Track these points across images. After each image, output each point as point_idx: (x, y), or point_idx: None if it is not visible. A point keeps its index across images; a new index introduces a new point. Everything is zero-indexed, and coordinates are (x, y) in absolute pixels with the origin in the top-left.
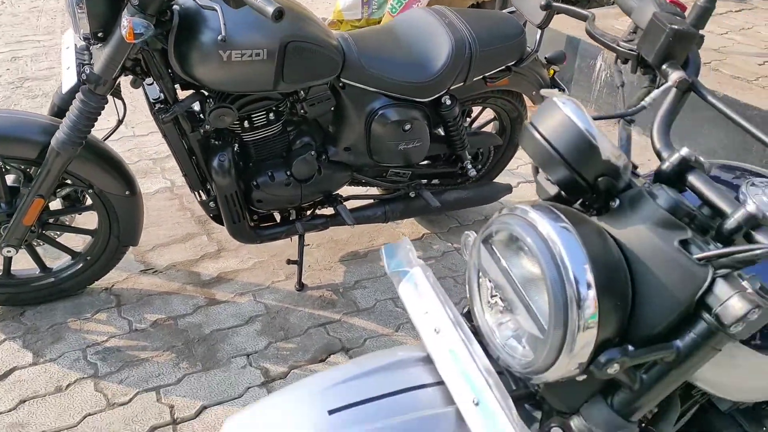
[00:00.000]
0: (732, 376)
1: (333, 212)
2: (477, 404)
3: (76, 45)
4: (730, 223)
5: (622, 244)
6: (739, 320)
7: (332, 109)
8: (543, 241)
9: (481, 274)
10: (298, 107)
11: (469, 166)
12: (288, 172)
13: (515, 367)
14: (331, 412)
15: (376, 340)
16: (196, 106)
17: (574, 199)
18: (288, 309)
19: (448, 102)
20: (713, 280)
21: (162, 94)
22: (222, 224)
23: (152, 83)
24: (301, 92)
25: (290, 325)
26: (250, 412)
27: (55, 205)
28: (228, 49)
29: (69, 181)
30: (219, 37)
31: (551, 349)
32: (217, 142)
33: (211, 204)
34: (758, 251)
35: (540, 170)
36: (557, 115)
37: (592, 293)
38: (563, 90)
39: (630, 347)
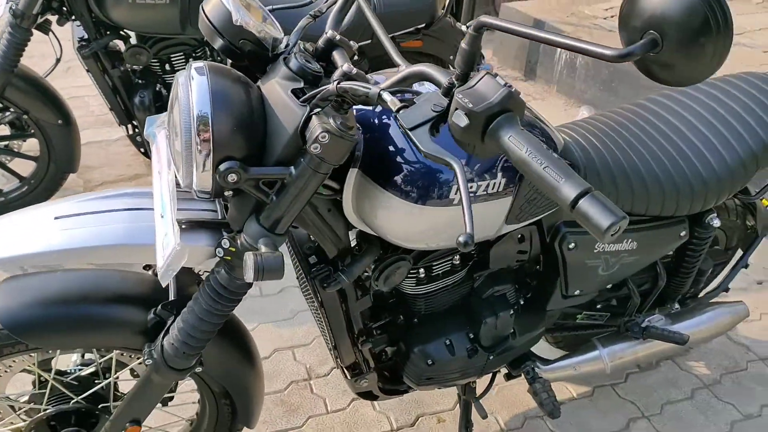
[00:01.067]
0: (393, 223)
1: None
2: (162, 217)
3: None
4: (334, 77)
5: (263, 95)
6: (315, 141)
7: None
8: (186, 85)
9: (170, 121)
10: (215, 54)
11: None
12: None
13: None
14: (56, 218)
15: None
16: (119, 48)
17: (242, 65)
18: None
19: (356, 57)
20: (309, 117)
21: (86, 34)
22: (150, 158)
23: (79, 25)
24: None
25: None
26: (2, 217)
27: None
28: None
29: (11, 109)
30: None
31: (187, 163)
32: (139, 81)
33: (138, 138)
34: (322, 92)
35: None
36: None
37: (208, 123)
38: (483, 57)
39: (253, 168)
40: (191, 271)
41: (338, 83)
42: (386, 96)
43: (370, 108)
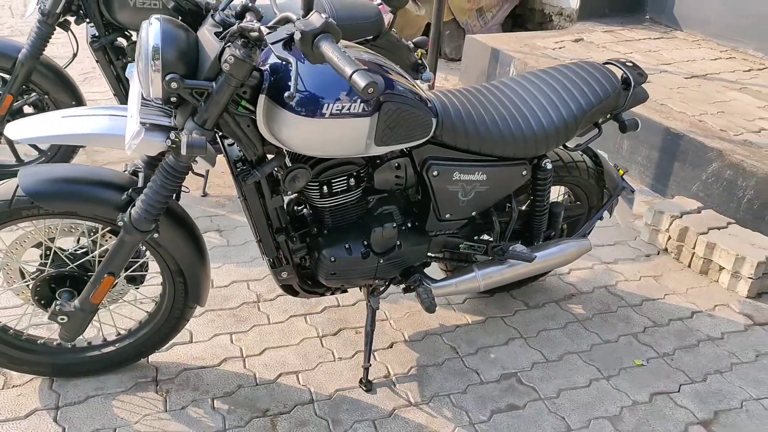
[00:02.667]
0: (294, 136)
1: None
2: (131, 117)
3: None
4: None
5: (198, 36)
6: (225, 62)
7: None
8: (146, 29)
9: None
10: None
11: None
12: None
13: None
14: (63, 117)
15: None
16: (123, 45)
17: (188, 21)
18: (190, 207)
19: None
20: (224, 49)
21: (97, 32)
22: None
23: (92, 25)
24: None
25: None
26: (26, 119)
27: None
28: None
29: (35, 91)
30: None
31: (145, 78)
32: None
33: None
34: (231, 30)
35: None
36: None
37: (159, 51)
38: (425, 67)
39: (187, 80)
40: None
41: (239, 24)
42: (263, 28)
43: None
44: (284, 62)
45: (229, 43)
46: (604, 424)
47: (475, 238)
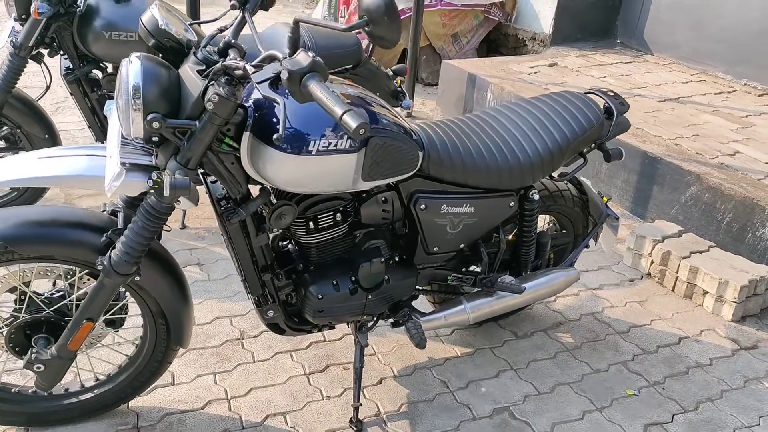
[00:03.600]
0: (281, 173)
1: None
2: (111, 157)
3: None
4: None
5: (180, 74)
6: (209, 101)
7: None
8: (126, 67)
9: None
10: None
11: None
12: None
13: (128, 135)
14: (39, 158)
15: None
16: (100, 76)
17: (169, 59)
18: (169, 241)
19: None
20: (207, 87)
21: (71, 64)
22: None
23: (66, 57)
24: None
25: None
26: (2, 161)
27: None
28: (110, 30)
29: (6, 125)
30: (78, 11)
31: (125, 117)
32: None
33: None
34: (215, 68)
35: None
36: (148, 12)
37: (139, 90)
38: (404, 95)
39: (170, 119)
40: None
41: (223, 62)
42: (248, 66)
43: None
44: (270, 102)
45: (213, 82)
46: None
47: (463, 269)
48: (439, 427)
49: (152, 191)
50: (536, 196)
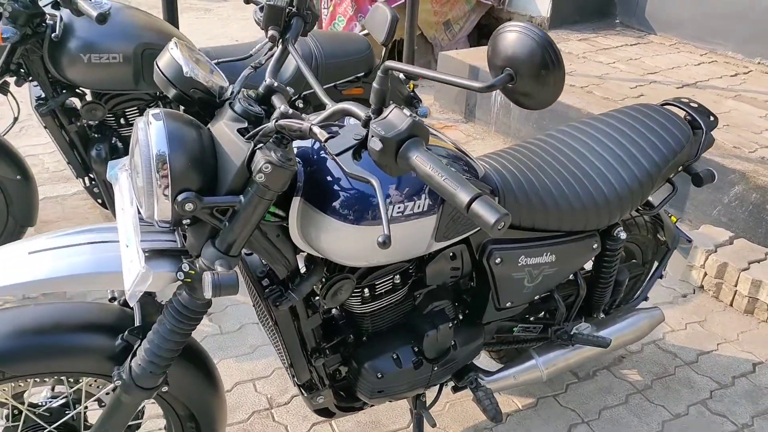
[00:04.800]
0: (335, 243)
1: None
2: (127, 246)
3: None
4: (273, 116)
5: (213, 134)
6: (259, 171)
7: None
8: (145, 129)
9: (132, 162)
10: (168, 107)
11: None
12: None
13: (145, 217)
14: (30, 253)
15: None
16: (75, 105)
17: (193, 111)
18: None
19: (301, 105)
20: (254, 151)
21: (42, 93)
22: (107, 208)
23: (36, 85)
24: None
25: None
26: None
27: None
28: (89, 52)
29: None
30: (53, 35)
31: (148, 197)
32: (96, 135)
33: (95, 189)
34: (263, 129)
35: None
36: (166, 55)
37: (165, 161)
38: (419, 101)
39: (207, 197)
40: (154, 299)
41: (276, 121)
42: (316, 129)
43: (309, 144)
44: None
45: (260, 144)
46: None
47: (531, 318)
48: None
49: (184, 286)
50: (622, 235)
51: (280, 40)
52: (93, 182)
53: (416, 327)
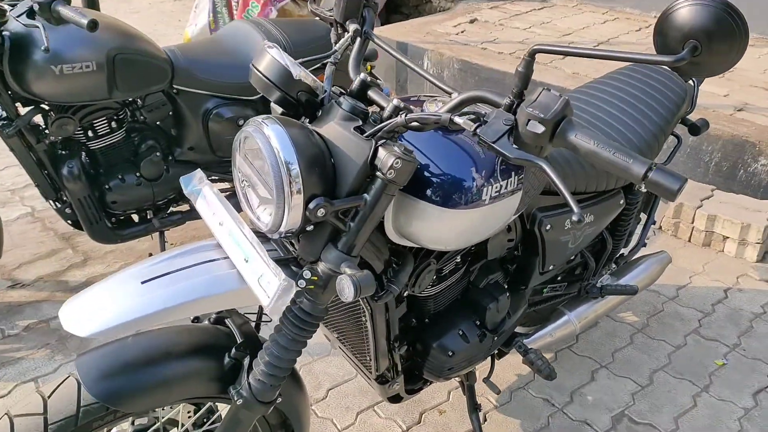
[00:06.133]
0: (425, 229)
1: (189, 208)
2: (246, 261)
3: None
4: (385, 113)
5: (324, 136)
6: (390, 168)
7: (171, 113)
8: (266, 138)
9: (241, 174)
10: (138, 114)
11: None
12: (137, 174)
13: (266, 230)
14: (143, 282)
15: None
16: (40, 121)
17: (295, 114)
18: None
19: None
20: (376, 148)
21: (4, 112)
22: (81, 229)
23: None
24: (138, 101)
25: None
26: (84, 294)
27: None
28: (59, 63)
29: None
30: (42, 47)
31: (278, 207)
32: (64, 152)
33: (67, 210)
34: (391, 125)
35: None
36: (266, 57)
37: (296, 170)
38: (380, 81)
39: (333, 200)
40: (239, 314)
41: (406, 116)
42: (458, 119)
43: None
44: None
45: (382, 140)
46: None
47: (559, 278)
48: None
49: (304, 293)
50: (643, 188)
51: (361, 34)
52: (64, 202)
53: (476, 301)
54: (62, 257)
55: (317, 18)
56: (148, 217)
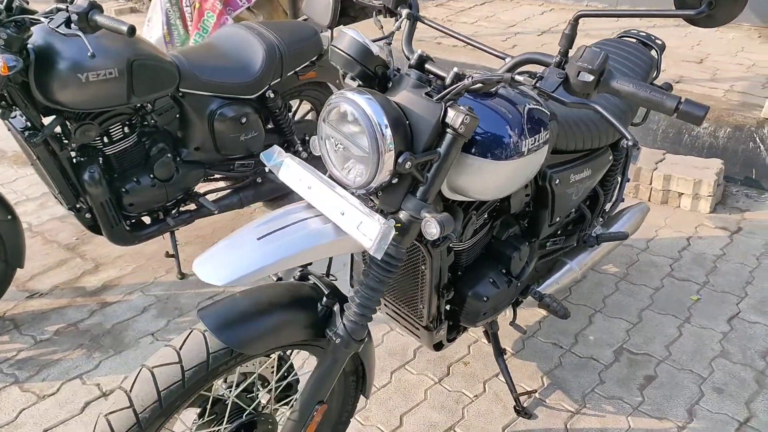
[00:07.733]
0: (474, 181)
1: (196, 206)
2: (343, 214)
3: None
4: (447, 80)
5: (399, 103)
6: (461, 124)
7: (178, 116)
8: (359, 106)
9: (326, 141)
10: (148, 119)
11: (300, 149)
12: (151, 176)
13: (355, 187)
14: (258, 238)
15: None
16: (57, 129)
17: (369, 85)
18: (176, 294)
19: (272, 95)
20: (446, 109)
21: (28, 123)
22: (101, 234)
23: (15, 116)
24: (149, 105)
25: (182, 305)
26: (210, 253)
27: None
28: (85, 71)
29: None
30: (88, 54)
31: (372, 164)
32: (83, 158)
33: (87, 215)
34: (459, 87)
35: (346, 75)
36: (346, 37)
37: (389, 131)
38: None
39: (417, 154)
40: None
41: (472, 80)
42: (519, 78)
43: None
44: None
45: (450, 102)
46: (721, 363)
47: (559, 232)
48: (589, 386)
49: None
50: (630, 144)
51: (411, 17)
52: (83, 209)
53: (500, 252)
54: (72, 266)
55: (306, 19)
56: (160, 217)
